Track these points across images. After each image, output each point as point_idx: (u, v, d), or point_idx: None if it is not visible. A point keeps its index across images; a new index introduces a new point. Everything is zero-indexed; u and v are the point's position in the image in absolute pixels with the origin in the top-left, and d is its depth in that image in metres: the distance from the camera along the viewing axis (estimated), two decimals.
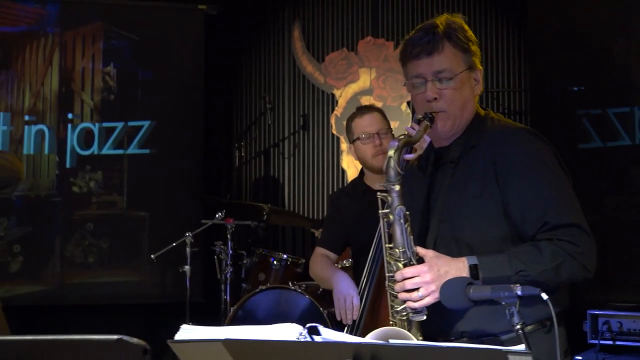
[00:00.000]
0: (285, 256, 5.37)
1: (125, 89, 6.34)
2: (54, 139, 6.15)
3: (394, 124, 5.66)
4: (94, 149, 6.23)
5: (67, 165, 6.17)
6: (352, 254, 3.95)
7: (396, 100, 6.70)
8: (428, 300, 2.14)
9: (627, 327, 3.80)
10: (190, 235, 5.39)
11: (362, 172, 3.91)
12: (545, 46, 5.65)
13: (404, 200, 2.22)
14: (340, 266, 4.37)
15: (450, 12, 6.98)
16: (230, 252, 5.35)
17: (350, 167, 6.79)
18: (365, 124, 3.69)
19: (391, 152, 2.22)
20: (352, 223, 3.77)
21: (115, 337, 1.30)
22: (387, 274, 2.25)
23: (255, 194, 6.96)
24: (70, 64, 6.26)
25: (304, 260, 5.40)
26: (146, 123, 6.31)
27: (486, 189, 2.24)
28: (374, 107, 3.98)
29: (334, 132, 6.91)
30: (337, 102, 6.92)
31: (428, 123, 2.27)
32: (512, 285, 1.87)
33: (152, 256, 5.57)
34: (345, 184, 6.74)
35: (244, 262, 5.43)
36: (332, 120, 6.92)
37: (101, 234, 6.21)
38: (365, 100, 6.75)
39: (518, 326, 1.83)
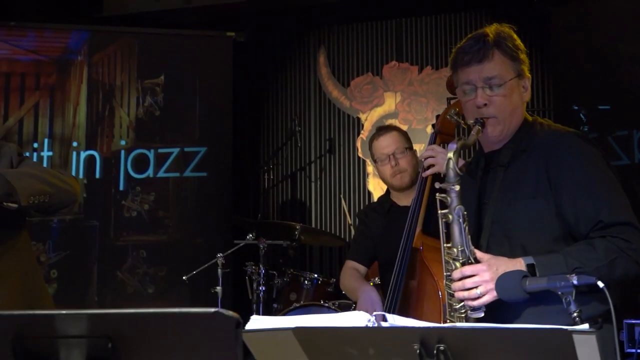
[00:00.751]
0: (315, 275, 5.40)
1: (155, 115, 6.46)
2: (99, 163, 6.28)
3: (419, 147, 5.76)
4: (147, 173, 6.37)
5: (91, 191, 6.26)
6: (379, 268, 3.99)
7: (421, 123, 6.80)
8: (486, 299, 2.19)
9: None
10: (222, 256, 5.41)
11: (388, 190, 3.99)
12: (569, 67, 5.75)
13: (462, 200, 2.29)
14: (372, 283, 4.42)
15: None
16: (263, 272, 5.38)
17: (377, 189, 6.86)
18: (383, 146, 3.77)
19: (450, 154, 2.30)
20: (377, 237, 3.84)
21: (212, 309, 1.37)
22: (445, 273, 2.31)
23: (282, 217, 7.05)
24: (105, 90, 6.40)
25: (334, 280, 5.44)
26: (176, 150, 6.43)
27: (539, 191, 2.30)
28: (391, 126, 4.04)
29: (360, 155, 7.01)
30: (362, 125, 7.03)
31: (480, 127, 2.35)
32: (567, 275, 1.92)
33: (184, 277, 5.59)
34: None
35: (275, 282, 5.45)
36: (358, 144, 7.02)
37: (140, 258, 6.29)
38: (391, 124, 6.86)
39: (575, 313, 1.88)
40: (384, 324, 1.76)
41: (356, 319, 1.80)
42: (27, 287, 2.63)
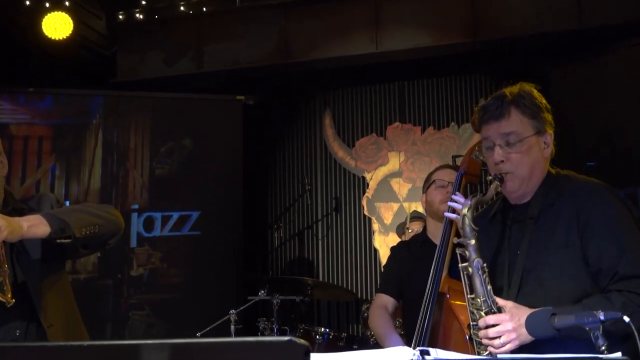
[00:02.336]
0: (327, 330, 5.44)
1: (168, 175, 6.59)
2: None
3: None
4: (162, 232, 6.48)
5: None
6: (403, 303, 3.98)
7: None
8: (509, 347, 2.25)
9: None
10: (234, 312, 5.45)
11: (425, 227, 4.06)
12: (565, 126, 5.90)
13: (480, 254, 2.39)
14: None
15: (473, 96, 7.27)
16: (276, 327, 5.41)
17: (382, 246, 6.96)
18: (443, 174, 3.88)
19: (465, 210, 2.41)
20: (406, 272, 3.87)
21: (285, 338, 1.46)
22: (471, 322, 2.40)
23: (291, 274, 7.12)
24: (119, 152, 6.54)
25: (345, 334, 5.50)
26: (195, 213, 6.55)
27: (570, 240, 2.38)
28: (451, 165, 4.15)
29: (366, 213, 7.12)
30: (367, 184, 7.17)
31: (498, 183, 2.47)
32: (594, 311, 2.02)
33: (197, 334, 5.60)
34: (378, 264, 6.92)
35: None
36: (364, 202, 7.14)
37: (153, 315, 6.35)
38: (395, 183, 7.00)
39: (603, 347, 1.98)
40: (427, 358, 1.86)
41: (401, 353, 1.90)
42: (69, 326, 2.68)
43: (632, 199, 5.25)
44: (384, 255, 6.88)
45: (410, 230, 5.37)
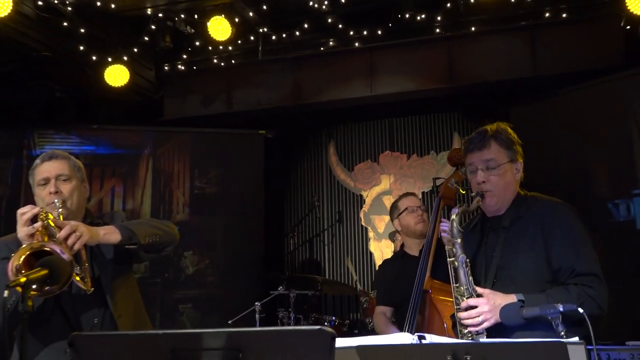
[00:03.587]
0: (334, 318, 5.46)
1: (204, 194, 6.63)
2: None
3: None
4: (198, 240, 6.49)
5: None
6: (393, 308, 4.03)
7: None
8: (486, 325, 2.33)
9: (614, 358, 3.86)
10: (259, 304, 5.47)
11: (402, 244, 4.11)
12: (525, 157, 5.90)
13: (464, 251, 2.46)
14: None
15: (449, 130, 7.24)
16: (293, 315, 5.43)
17: (377, 250, 6.98)
18: (410, 202, 3.96)
19: (454, 216, 2.50)
20: (391, 281, 3.93)
21: (317, 327, 1.50)
22: (455, 306, 2.45)
23: (303, 273, 7.12)
24: (166, 176, 6.59)
25: (347, 322, 5.52)
26: (221, 222, 6.58)
27: (535, 245, 2.45)
28: (413, 192, 4.21)
29: (363, 224, 7.16)
30: (364, 201, 7.21)
31: (480, 198, 2.54)
32: (555, 304, 2.07)
33: (229, 322, 5.61)
34: (373, 265, 6.94)
35: (302, 324, 5.49)
36: (361, 215, 7.18)
37: (194, 307, 6.36)
38: (387, 199, 7.03)
39: (562, 332, 2.02)
40: (424, 342, 1.90)
41: (403, 338, 1.93)
42: (136, 317, 2.70)
43: None
44: (378, 257, 6.91)
45: (398, 238, 5.40)
